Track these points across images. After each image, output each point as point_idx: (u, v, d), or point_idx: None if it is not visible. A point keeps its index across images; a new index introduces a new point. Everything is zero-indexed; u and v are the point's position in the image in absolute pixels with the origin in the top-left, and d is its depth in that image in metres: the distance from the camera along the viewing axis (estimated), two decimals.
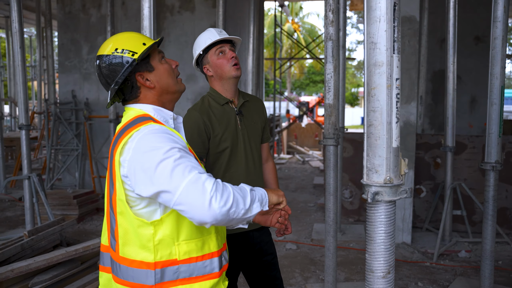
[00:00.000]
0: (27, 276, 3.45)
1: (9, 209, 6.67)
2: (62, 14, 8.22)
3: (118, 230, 1.44)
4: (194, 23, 7.83)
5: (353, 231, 5.26)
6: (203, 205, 1.24)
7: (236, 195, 1.30)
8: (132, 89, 1.51)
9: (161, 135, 1.37)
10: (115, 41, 1.50)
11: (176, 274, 1.42)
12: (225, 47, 2.15)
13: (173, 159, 1.30)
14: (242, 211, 1.31)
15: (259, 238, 2.28)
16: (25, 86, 4.90)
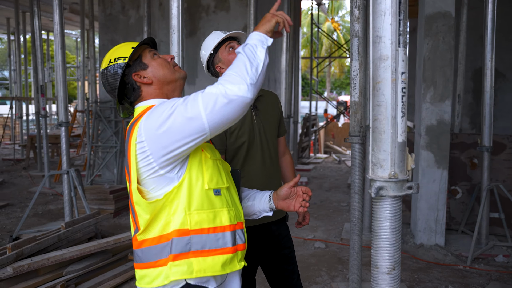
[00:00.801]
0: (61, 265, 3.63)
1: (52, 202, 7.00)
2: (103, 16, 8.52)
3: (139, 220, 1.51)
4: (229, 22, 7.92)
5: None
6: (227, 102, 1.35)
7: (238, 71, 1.38)
8: (133, 90, 1.60)
9: (162, 104, 1.45)
10: (108, 54, 1.62)
11: (188, 246, 1.45)
12: (233, 43, 2.19)
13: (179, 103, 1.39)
14: (254, 71, 1.41)
15: (277, 231, 2.30)
16: (65, 86, 5.13)
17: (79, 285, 3.56)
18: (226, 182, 1.58)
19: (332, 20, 27.03)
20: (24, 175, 9.19)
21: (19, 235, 4.95)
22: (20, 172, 9.59)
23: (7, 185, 8.25)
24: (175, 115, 1.37)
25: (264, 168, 2.23)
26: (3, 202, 6.81)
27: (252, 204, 1.77)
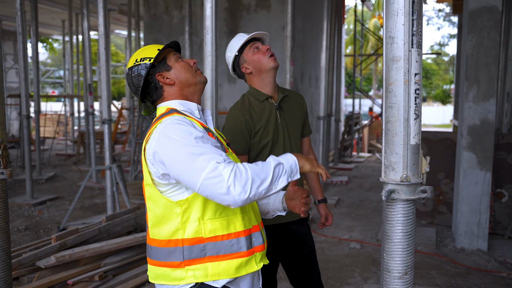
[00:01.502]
0: (100, 257, 3.80)
1: (98, 196, 7.31)
2: (147, 17, 8.79)
3: (148, 214, 1.58)
4: (270, 20, 7.94)
5: (422, 234, 5.02)
6: (222, 194, 1.36)
7: (255, 179, 1.37)
8: (156, 89, 1.66)
9: (181, 125, 1.48)
10: (135, 54, 1.68)
11: (204, 252, 1.50)
12: (257, 43, 2.22)
13: (192, 150, 1.41)
14: (263, 191, 1.39)
15: (298, 230, 2.31)
16: (109, 85, 5.34)
17: (116, 276, 3.71)
18: None
19: (378, 16, 26.38)
20: (74, 169, 9.65)
21: (65, 227, 5.22)
22: (70, 166, 10.08)
23: (59, 179, 8.70)
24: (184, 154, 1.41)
25: None
26: (54, 195, 7.20)
27: (267, 202, 1.79)
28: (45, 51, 30.21)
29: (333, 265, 4.27)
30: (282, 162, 1.46)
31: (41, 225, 5.65)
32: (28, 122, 7.01)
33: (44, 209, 6.44)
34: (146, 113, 1.77)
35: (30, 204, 6.50)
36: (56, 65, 31.35)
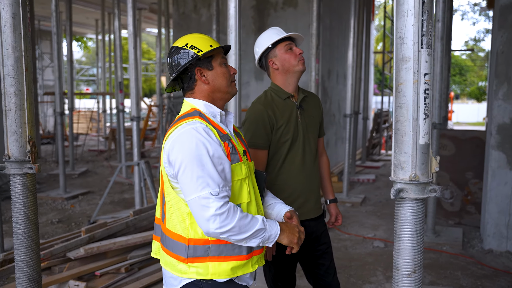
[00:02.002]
0: (126, 250, 3.93)
1: (127, 191, 7.51)
2: (176, 15, 8.93)
3: (166, 206, 1.66)
4: (297, 18, 7.94)
5: (449, 234, 4.94)
6: (201, 222, 1.52)
7: (235, 228, 1.51)
8: (190, 80, 1.70)
9: (198, 136, 1.55)
10: (188, 38, 1.72)
11: (207, 252, 1.59)
12: (292, 44, 2.25)
13: (197, 166, 1.52)
14: (233, 239, 1.55)
15: (315, 227, 2.33)
16: (137, 82, 5.48)
17: (142, 269, 3.83)
18: (247, 197, 1.66)
19: None
20: (105, 165, 9.94)
21: (95, 220, 5.40)
22: (102, 162, 10.38)
23: (90, 174, 8.98)
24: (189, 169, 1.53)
25: (304, 167, 2.26)
26: (86, 189, 7.44)
27: (270, 213, 1.86)
28: (80, 49, 31.09)
29: (356, 263, 4.27)
30: (267, 229, 1.59)
31: (73, 218, 5.87)
32: (61, 118, 7.26)
33: (76, 203, 6.68)
34: (170, 90, 1.81)
35: (63, 198, 6.75)
36: (90, 63, 32.22)
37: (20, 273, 1.90)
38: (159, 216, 1.72)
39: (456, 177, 5.46)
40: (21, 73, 1.82)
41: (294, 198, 2.24)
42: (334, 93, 9.01)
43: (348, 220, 5.73)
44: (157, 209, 1.76)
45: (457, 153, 5.42)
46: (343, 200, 6.60)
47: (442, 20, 4.59)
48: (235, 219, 1.51)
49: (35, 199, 1.89)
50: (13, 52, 1.81)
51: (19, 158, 1.84)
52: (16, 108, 1.82)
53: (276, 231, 1.62)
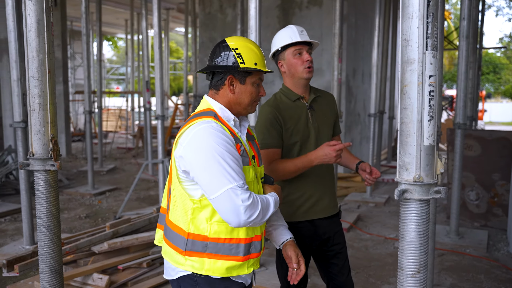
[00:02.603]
0: (148, 245, 4.03)
1: (152, 188, 7.68)
2: (202, 15, 9.05)
3: (171, 198, 1.72)
4: (322, 17, 7.92)
5: (473, 236, 4.85)
6: (232, 215, 1.54)
7: (260, 213, 1.58)
8: (219, 80, 1.73)
9: (216, 134, 1.59)
10: (240, 42, 1.72)
11: (204, 248, 1.64)
12: (303, 49, 2.24)
13: (220, 163, 1.55)
14: (260, 221, 1.62)
15: (329, 227, 2.34)
16: (162, 82, 5.60)
17: (163, 264, 3.92)
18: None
19: None
20: (133, 162, 10.17)
21: (121, 216, 5.56)
22: (130, 159, 10.62)
23: (118, 171, 9.21)
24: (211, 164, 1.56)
25: (316, 167, 2.28)
26: (113, 186, 7.65)
27: (269, 232, 1.93)
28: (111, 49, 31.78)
29: (375, 263, 4.25)
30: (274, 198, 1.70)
31: (99, 214, 6.05)
32: (90, 117, 7.48)
33: (103, 199, 6.87)
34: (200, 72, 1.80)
35: (91, 194, 6.96)
36: (120, 62, 32.91)
37: (43, 264, 2.01)
38: (165, 206, 1.78)
39: (482, 178, 5.35)
40: (44, 75, 1.92)
41: (306, 198, 2.26)
42: (359, 92, 8.94)
43: (370, 220, 5.70)
44: (163, 199, 1.82)
45: (483, 154, 5.31)
46: (366, 200, 6.57)
47: (467, 18, 4.50)
48: (259, 205, 1.58)
49: (56, 194, 1.98)
50: (37, 55, 1.91)
51: (42, 156, 1.94)
52: (40, 108, 1.92)
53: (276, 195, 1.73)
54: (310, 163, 2.12)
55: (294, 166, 2.15)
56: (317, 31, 7.95)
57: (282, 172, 2.17)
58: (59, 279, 2.05)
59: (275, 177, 2.18)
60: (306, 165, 2.13)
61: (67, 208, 6.33)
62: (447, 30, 25.32)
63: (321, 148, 2.10)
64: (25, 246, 4.40)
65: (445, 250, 4.56)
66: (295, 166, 2.15)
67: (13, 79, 4.29)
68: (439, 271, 4.08)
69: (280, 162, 2.18)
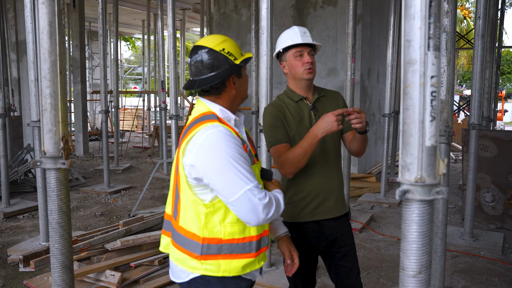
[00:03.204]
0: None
1: (167, 187, 7.75)
2: (218, 15, 9.10)
3: (180, 205, 1.71)
4: (337, 17, 7.89)
5: (488, 238, 4.78)
6: (252, 215, 1.58)
7: (275, 209, 1.63)
8: (220, 85, 1.70)
9: (226, 138, 1.60)
10: (222, 41, 1.70)
11: (219, 250, 1.66)
12: (304, 51, 2.25)
13: (234, 167, 1.57)
14: (276, 217, 1.72)
15: (336, 228, 2.34)
16: (176, 82, 5.67)
17: None
18: None
19: (461, 7, 24.87)
20: (149, 161, 10.28)
21: (135, 214, 5.64)
22: (145, 158, 10.75)
23: (133, 170, 9.33)
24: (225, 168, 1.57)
25: (322, 167, 2.27)
26: (128, 184, 7.76)
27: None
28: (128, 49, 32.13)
29: (387, 264, 4.23)
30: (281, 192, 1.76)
31: (114, 212, 6.15)
32: (106, 116, 7.60)
33: (119, 197, 6.98)
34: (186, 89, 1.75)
35: (107, 192, 7.07)
36: (138, 62, 33.27)
37: (54, 260, 2.06)
38: (170, 212, 1.78)
39: (498, 180, 5.27)
40: (56, 76, 1.97)
41: (311, 199, 2.27)
42: (374, 92, 8.88)
43: (383, 221, 5.66)
44: (167, 205, 1.81)
45: (500, 155, 5.23)
46: (380, 201, 6.52)
47: (483, 17, 4.44)
48: (274, 202, 1.63)
49: (67, 192, 2.03)
50: (49, 57, 1.96)
51: (53, 154, 1.99)
52: (51, 108, 1.97)
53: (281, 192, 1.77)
54: (315, 137, 2.07)
55: (301, 148, 2.10)
56: (332, 31, 7.93)
57: (293, 159, 2.12)
58: (70, 274, 2.10)
59: (289, 168, 2.15)
60: (311, 141, 2.08)
61: (83, 206, 6.45)
62: (467, 29, 24.92)
63: (321, 118, 2.07)
64: (41, 242, 4.50)
65: (458, 252, 4.51)
66: (302, 147, 2.10)
67: (31, 80, 4.39)
68: (452, 273, 4.04)
69: (288, 152, 2.15)
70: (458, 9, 25.43)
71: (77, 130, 11.15)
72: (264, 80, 3.77)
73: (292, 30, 2.30)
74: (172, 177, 1.78)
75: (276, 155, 2.20)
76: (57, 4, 1.97)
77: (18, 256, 4.06)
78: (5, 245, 4.73)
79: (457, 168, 9.67)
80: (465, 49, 17.46)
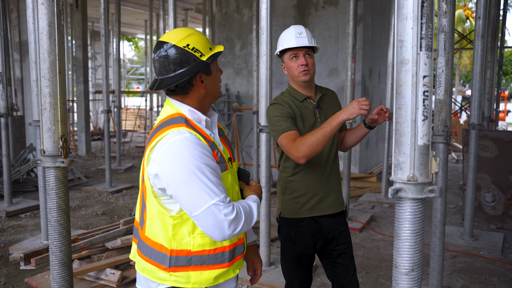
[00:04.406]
0: None
1: None
2: (219, 16, 9.12)
3: (146, 214, 1.60)
4: (338, 17, 7.90)
5: (488, 238, 4.79)
6: (217, 231, 1.47)
7: (245, 223, 1.52)
8: (186, 84, 1.57)
9: (192, 146, 1.47)
10: (187, 36, 1.56)
11: (189, 262, 1.56)
12: (299, 53, 2.26)
13: (199, 178, 1.44)
14: (244, 230, 1.55)
15: (334, 226, 2.36)
16: None
17: None
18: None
19: (464, 7, 24.83)
20: None
21: None
22: None
23: (135, 170, 9.36)
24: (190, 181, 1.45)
25: (322, 165, 2.30)
26: (130, 184, 7.79)
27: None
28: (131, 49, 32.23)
29: (386, 264, 4.24)
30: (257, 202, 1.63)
31: (116, 211, 6.18)
32: (108, 116, 7.63)
33: (120, 196, 7.01)
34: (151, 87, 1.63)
35: (109, 192, 7.11)
36: (141, 62, 33.37)
37: (53, 257, 2.08)
38: (138, 220, 1.67)
39: (499, 180, 5.27)
40: (55, 76, 2.00)
41: (310, 196, 2.29)
42: (376, 92, 8.88)
43: (384, 220, 5.67)
44: (136, 212, 1.70)
45: (500, 155, 5.23)
46: (381, 201, 6.53)
47: (483, 17, 4.45)
48: (243, 216, 1.51)
49: (66, 190, 2.06)
50: (49, 57, 1.99)
51: (52, 153, 2.01)
52: (50, 107, 2.00)
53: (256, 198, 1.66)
54: (337, 118, 2.03)
55: (321, 129, 2.05)
56: (333, 31, 7.94)
57: (313, 140, 2.06)
58: (69, 272, 2.13)
59: (305, 150, 2.07)
60: (333, 121, 2.04)
61: (85, 205, 6.48)
62: (470, 29, 24.86)
63: (350, 104, 2.05)
64: (42, 241, 4.53)
65: (458, 251, 4.52)
66: (322, 129, 2.05)
67: (33, 79, 4.43)
68: (451, 272, 4.05)
69: (307, 134, 2.11)
70: (461, 9, 25.39)
71: (79, 130, 11.19)
72: (264, 80, 3.79)
73: (288, 31, 2.32)
74: (140, 184, 1.65)
75: (288, 139, 2.14)
76: (57, 4, 1.99)
77: (19, 254, 4.10)
78: (7, 243, 4.76)
79: (459, 168, 9.66)
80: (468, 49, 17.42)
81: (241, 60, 8.86)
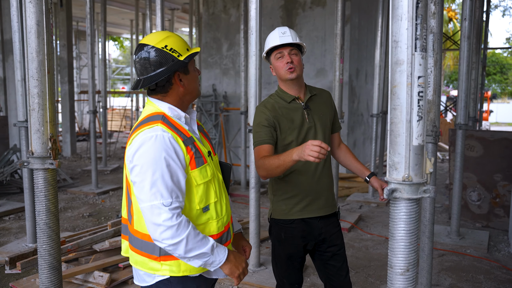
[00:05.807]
0: None
1: None
2: (206, 16, 9.08)
3: (133, 208, 1.67)
4: (325, 17, 7.93)
5: (474, 237, 4.85)
6: (151, 229, 1.55)
7: (181, 243, 1.54)
8: (166, 83, 1.68)
9: (160, 146, 1.57)
10: (165, 38, 1.67)
11: None
12: (284, 51, 2.26)
13: (153, 177, 1.54)
14: (177, 255, 1.58)
15: (325, 228, 2.35)
16: None
17: None
18: (214, 197, 1.72)
19: (448, 9, 25.16)
20: None
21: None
22: None
23: (121, 171, 9.26)
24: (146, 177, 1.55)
25: (313, 166, 2.29)
26: (117, 185, 7.70)
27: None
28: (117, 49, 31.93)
29: (375, 263, 4.26)
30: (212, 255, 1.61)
31: (103, 213, 6.11)
32: (94, 116, 7.54)
33: (107, 198, 6.93)
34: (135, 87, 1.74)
35: (95, 193, 7.02)
36: (126, 62, 33.06)
37: (42, 261, 2.04)
38: (126, 216, 1.74)
39: (484, 179, 5.34)
40: (43, 76, 1.96)
41: (301, 198, 2.28)
42: (363, 92, 8.94)
43: (371, 220, 5.71)
44: (123, 209, 1.77)
45: (485, 155, 5.30)
46: (368, 200, 6.57)
47: (469, 19, 4.50)
48: (184, 233, 1.54)
49: (55, 192, 2.02)
50: (37, 56, 1.95)
51: (41, 154, 1.97)
52: (39, 108, 1.96)
53: (220, 259, 1.64)
54: (289, 156, 1.99)
55: (278, 159, 2.06)
56: (321, 32, 7.97)
57: (268, 166, 2.10)
58: (58, 275, 2.08)
59: (262, 172, 2.15)
60: (286, 158, 2.01)
61: (71, 207, 6.39)
62: (453, 30, 25.21)
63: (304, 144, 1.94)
64: (28, 244, 4.45)
65: (445, 250, 4.57)
66: (278, 159, 2.05)
67: (17, 79, 4.34)
68: (439, 271, 4.09)
69: (266, 158, 2.14)
70: (444, 11, 25.72)
71: (64, 131, 11.04)
72: (253, 80, 3.78)
73: (273, 33, 2.33)
74: (124, 180, 1.74)
75: (257, 154, 2.22)
76: (45, 3, 1.96)
77: (4, 258, 4.01)
78: None
79: (444, 168, 9.78)
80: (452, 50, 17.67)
81: (228, 60, 8.83)
